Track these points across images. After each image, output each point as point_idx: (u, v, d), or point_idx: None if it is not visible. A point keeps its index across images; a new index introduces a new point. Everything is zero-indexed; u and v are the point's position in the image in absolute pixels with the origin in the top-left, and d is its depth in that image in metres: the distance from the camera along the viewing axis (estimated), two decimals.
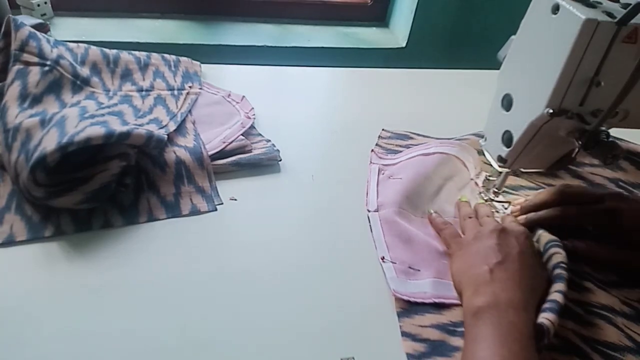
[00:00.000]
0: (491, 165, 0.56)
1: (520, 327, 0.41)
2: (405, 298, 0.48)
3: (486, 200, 0.59)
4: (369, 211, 0.58)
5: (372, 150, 0.68)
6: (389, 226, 0.55)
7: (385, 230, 0.55)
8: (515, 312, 0.42)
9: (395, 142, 0.71)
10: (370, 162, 0.66)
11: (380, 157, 0.68)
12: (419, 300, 0.48)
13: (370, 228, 0.56)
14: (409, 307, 0.48)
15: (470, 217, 0.55)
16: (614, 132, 0.46)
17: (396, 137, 0.72)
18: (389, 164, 0.66)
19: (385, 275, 0.50)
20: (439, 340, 0.45)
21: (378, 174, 0.64)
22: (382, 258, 0.52)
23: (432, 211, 0.58)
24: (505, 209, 0.58)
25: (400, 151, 0.69)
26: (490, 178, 0.59)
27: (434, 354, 0.44)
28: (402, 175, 0.63)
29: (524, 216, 0.56)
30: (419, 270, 0.51)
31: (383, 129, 0.73)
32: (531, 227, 0.54)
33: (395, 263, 0.51)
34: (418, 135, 0.73)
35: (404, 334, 0.45)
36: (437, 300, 0.48)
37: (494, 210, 0.58)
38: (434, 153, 0.66)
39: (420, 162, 0.65)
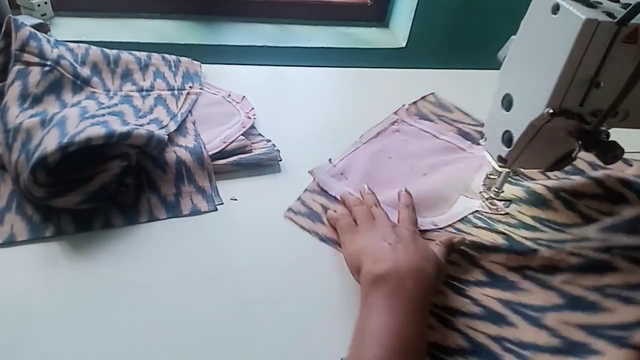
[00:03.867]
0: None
1: (416, 295, 0.43)
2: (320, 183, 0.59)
3: (487, 199, 0.59)
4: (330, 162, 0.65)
5: (406, 106, 0.75)
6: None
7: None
8: (414, 280, 0.43)
9: (433, 110, 0.78)
10: (396, 112, 0.75)
11: (406, 118, 0.74)
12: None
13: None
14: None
15: (361, 202, 0.56)
16: (614, 132, 0.46)
17: (438, 106, 0.79)
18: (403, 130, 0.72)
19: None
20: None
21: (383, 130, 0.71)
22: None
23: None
24: (507, 207, 0.58)
25: (432, 120, 0.75)
26: (491, 177, 0.59)
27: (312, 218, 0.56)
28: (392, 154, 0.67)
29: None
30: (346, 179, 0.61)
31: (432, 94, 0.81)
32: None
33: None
34: (459, 110, 0.79)
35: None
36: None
37: (494, 208, 0.58)
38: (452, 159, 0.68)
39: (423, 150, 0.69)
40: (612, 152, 0.43)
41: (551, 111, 0.43)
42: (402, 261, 0.45)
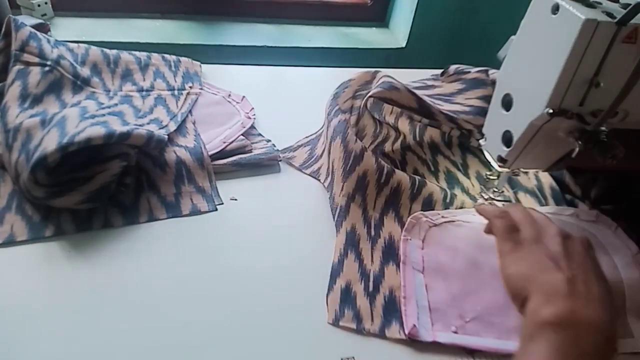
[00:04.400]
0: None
1: (602, 354, 0.34)
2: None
3: (486, 200, 0.59)
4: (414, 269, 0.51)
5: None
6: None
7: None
8: (595, 342, 0.34)
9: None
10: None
11: None
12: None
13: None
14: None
15: (504, 215, 0.46)
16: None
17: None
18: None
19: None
20: None
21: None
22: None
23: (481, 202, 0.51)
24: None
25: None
26: (491, 177, 0.59)
27: None
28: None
29: None
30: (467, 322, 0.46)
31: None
32: None
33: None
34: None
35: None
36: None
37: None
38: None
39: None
40: (612, 152, 0.43)
41: (551, 111, 0.43)
42: (581, 309, 0.36)
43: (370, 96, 0.62)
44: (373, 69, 0.70)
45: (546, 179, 0.65)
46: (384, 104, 0.70)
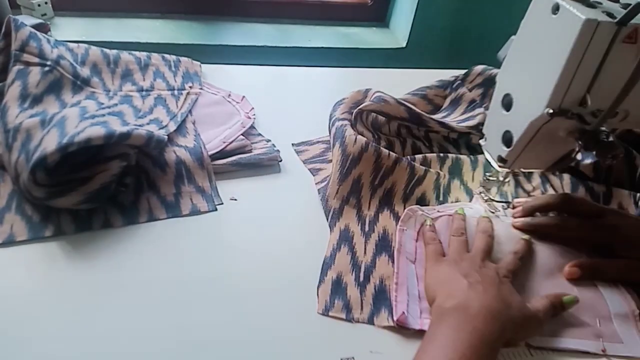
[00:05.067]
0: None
1: (484, 334, 0.40)
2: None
3: (486, 200, 0.59)
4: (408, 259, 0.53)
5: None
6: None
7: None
8: (484, 320, 0.41)
9: None
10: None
11: None
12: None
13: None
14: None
15: (462, 234, 0.53)
16: None
17: None
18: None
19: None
20: None
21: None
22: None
23: (429, 223, 0.56)
24: (505, 209, 0.58)
25: None
26: (491, 178, 0.58)
27: None
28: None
29: (522, 220, 0.55)
30: None
31: None
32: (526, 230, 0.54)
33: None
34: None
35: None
36: None
37: (493, 211, 0.58)
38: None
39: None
40: (612, 152, 0.43)
41: (551, 111, 0.43)
42: (475, 300, 0.43)
43: (360, 109, 0.64)
44: (364, 88, 0.71)
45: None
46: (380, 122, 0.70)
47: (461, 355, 0.38)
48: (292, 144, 0.68)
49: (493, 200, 0.59)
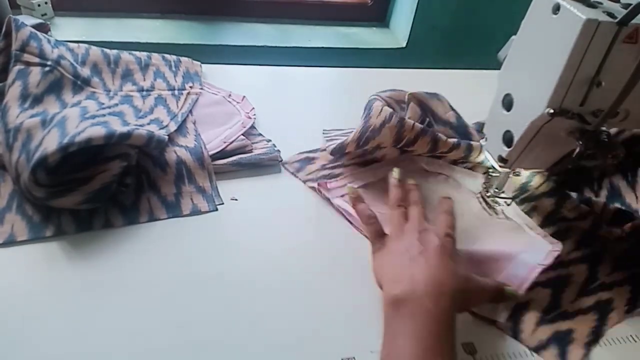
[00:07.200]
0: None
1: (437, 315, 0.41)
2: None
3: (488, 197, 0.59)
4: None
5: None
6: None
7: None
8: (435, 298, 0.42)
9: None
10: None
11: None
12: None
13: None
14: None
15: (399, 206, 0.53)
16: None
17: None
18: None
19: None
20: None
21: None
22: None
23: (353, 188, 0.57)
24: (508, 204, 0.58)
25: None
26: (493, 174, 0.58)
27: None
28: None
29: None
30: None
31: None
32: None
33: None
34: None
35: None
36: None
37: (492, 208, 0.58)
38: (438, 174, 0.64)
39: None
40: (612, 152, 0.43)
41: (551, 111, 0.43)
42: (418, 278, 0.43)
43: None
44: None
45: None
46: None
47: (425, 347, 0.39)
48: (323, 130, 0.71)
49: (496, 196, 0.59)
